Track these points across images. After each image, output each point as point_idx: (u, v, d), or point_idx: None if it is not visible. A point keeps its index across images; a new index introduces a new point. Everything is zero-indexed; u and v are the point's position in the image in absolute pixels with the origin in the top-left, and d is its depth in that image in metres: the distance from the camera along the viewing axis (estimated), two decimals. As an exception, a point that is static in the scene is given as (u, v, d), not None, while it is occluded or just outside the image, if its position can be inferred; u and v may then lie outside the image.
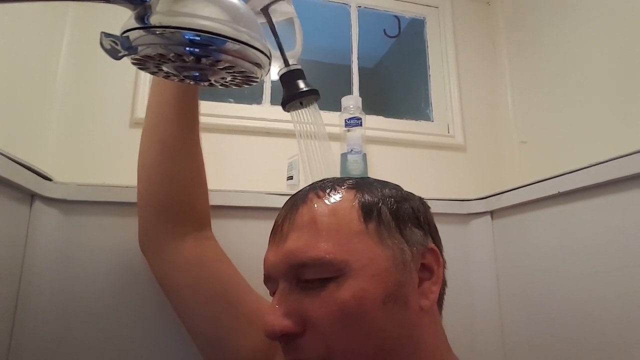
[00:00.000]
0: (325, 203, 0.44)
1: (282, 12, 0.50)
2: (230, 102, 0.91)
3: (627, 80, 0.77)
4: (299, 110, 0.50)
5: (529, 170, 0.99)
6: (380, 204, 0.44)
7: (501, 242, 0.79)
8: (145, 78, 0.87)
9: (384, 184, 0.49)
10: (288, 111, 0.49)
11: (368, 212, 0.43)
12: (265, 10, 0.47)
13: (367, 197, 0.45)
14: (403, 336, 0.40)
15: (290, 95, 0.47)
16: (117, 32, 0.31)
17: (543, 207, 0.69)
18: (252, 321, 0.54)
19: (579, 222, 0.63)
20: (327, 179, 0.48)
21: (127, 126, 0.84)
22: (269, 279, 0.46)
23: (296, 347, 0.40)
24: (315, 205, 0.44)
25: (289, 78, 0.48)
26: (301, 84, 0.47)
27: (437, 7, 1.13)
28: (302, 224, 0.43)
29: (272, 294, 0.45)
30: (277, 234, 0.45)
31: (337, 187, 0.45)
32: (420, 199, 0.51)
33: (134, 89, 0.86)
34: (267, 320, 0.41)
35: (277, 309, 0.41)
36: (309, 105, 0.49)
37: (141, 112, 0.84)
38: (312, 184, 0.48)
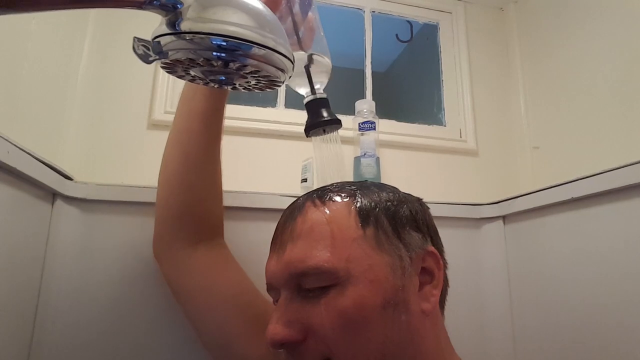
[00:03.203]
0: (322, 211, 0.44)
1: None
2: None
3: (641, 86, 0.77)
4: (321, 137, 0.53)
5: (541, 176, 0.99)
6: (377, 209, 0.44)
7: (513, 247, 0.79)
8: (163, 82, 0.88)
9: (381, 187, 0.48)
10: (310, 136, 0.52)
11: (365, 217, 0.43)
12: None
13: (364, 202, 0.45)
14: (404, 340, 0.41)
15: (315, 122, 0.49)
16: (137, 35, 0.32)
17: (556, 212, 0.69)
18: (261, 326, 0.53)
19: (593, 228, 0.63)
20: (324, 186, 0.49)
21: (145, 128, 0.86)
22: (271, 288, 0.46)
23: (299, 353, 0.41)
24: (313, 214, 0.44)
25: (314, 106, 0.50)
26: (324, 113, 0.49)
27: (450, 13, 1.14)
28: (300, 233, 0.43)
29: (275, 302, 0.46)
30: (277, 243, 0.46)
31: (334, 195, 0.45)
32: (419, 199, 0.51)
33: (152, 92, 0.88)
34: (268, 330, 0.41)
35: (279, 318, 0.42)
36: (330, 133, 0.51)
37: (158, 115, 0.86)
38: (309, 192, 0.49)
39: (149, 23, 0.87)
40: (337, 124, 0.50)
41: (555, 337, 0.68)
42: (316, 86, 0.50)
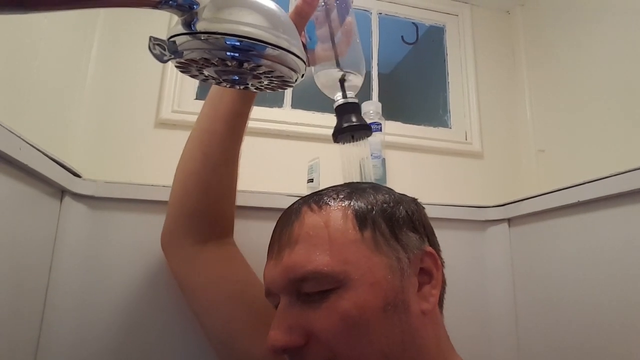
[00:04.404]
0: (319, 215, 0.44)
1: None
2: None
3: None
4: (349, 144, 0.51)
5: (546, 179, 0.99)
6: (374, 212, 0.44)
7: (518, 249, 0.79)
8: (171, 81, 0.89)
9: (376, 189, 0.48)
10: (338, 142, 0.50)
11: (363, 220, 0.44)
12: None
13: (360, 205, 0.45)
14: (406, 341, 0.41)
15: (343, 127, 0.48)
16: (144, 34, 0.32)
17: (562, 215, 0.69)
18: (265, 323, 0.53)
19: (599, 231, 0.63)
20: (320, 190, 0.49)
21: (152, 126, 0.86)
22: (270, 294, 0.46)
23: (301, 358, 0.41)
24: (310, 219, 0.44)
25: (344, 110, 0.49)
26: (354, 118, 0.48)
27: (456, 15, 1.14)
28: (298, 238, 0.43)
29: (275, 307, 0.46)
30: (274, 249, 0.46)
31: (330, 199, 0.45)
32: (414, 200, 0.51)
33: (160, 90, 0.88)
34: (269, 336, 0.41)
35: (279, 324, 0.42)
36: (359, 140, 0.50)
37: (166, 113, 0.86)
38: (304, 196, 0.49)
39: (159, 22, 0.87)
40: (366, 130, 0.49)
41: (560, 340, 0.68)
42: (348, 93, 0.50)
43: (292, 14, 0.47)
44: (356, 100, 0.50)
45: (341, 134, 0.49)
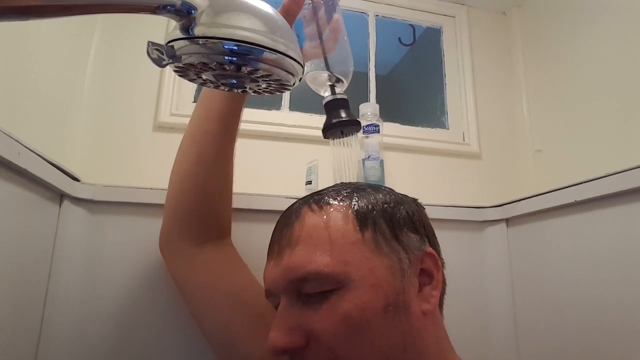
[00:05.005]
0: (320, 216, 0.44)
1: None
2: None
3: (644, 91, 0.77)
4: (339, 139, 0.51)
5: (544, 179, 0.99)
6: (374, 212, 0.44)
7: (516, 249, 0.79)
8: (169, 84, 0.89)
9: (377, 189, 0.48)
10: (328, 138, 0.50)
11: (363, 220, 0.43)
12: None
13: (361, 205, 0.45)
14: (407, 342, 0.41)
15: (333, 123, 0.48)
16: (141, 39, 0.33)
17: (559, 215, 0.70)
18: (264, 325, 0.53)
19: (596, 231, 0.63)
20: (320, 190, 0.49)
21: (151, 130, 0.86)
22: (270, 294, 0.46)
23: (302, 359, 0.41)
24: (310, 219, 0.44)
25: (333, 106, 0.49)
26: (343, 114, 0.48)
27: (453, 17, 1.14)
28: (298, 238, 0.43)
29: (275, 308, 0.46)
30: (275, 249, 0.46)
31: (330, 199, 0.45)
32: (414, 200, 0.51)
33: (158, 94, 0.88)
34: (270, 337, 0.41)
35: (280, 325, 0.42)
36: (349, 135, 0.50)
37: (164, 117, 0.86)
38: (305, 196, 0.49)
39: (156, 27, 0.87)
40: (355, 125, 0.49)
41: (558, 340, 0.68)
42: (336, 89, 0.50)
43: (280, 11, 0.47)
44: (345, 96, 0.50)
45: (330, 130, 0.49)
